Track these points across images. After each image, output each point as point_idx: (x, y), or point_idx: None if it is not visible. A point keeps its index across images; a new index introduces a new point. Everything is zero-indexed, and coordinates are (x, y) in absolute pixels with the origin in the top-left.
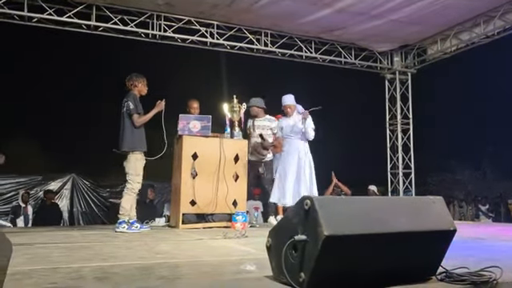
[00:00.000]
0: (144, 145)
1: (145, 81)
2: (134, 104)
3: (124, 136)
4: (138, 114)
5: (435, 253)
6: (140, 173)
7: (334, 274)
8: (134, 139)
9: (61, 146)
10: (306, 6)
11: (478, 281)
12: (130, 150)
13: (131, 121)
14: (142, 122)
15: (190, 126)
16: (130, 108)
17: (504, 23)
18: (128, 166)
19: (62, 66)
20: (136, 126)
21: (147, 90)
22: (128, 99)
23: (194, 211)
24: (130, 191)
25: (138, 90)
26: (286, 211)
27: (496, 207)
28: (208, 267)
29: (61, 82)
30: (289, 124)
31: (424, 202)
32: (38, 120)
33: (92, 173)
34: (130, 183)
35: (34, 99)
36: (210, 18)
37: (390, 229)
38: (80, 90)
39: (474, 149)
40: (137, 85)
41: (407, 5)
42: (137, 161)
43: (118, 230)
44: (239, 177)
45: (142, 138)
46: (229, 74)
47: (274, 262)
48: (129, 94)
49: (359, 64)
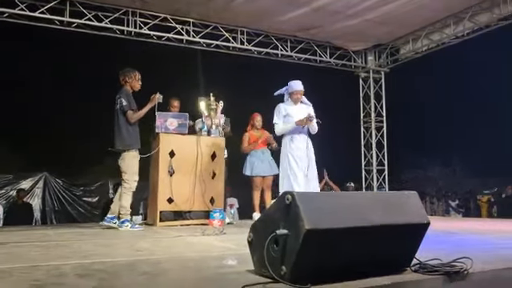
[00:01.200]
0: (138, 142)
1: (137, 75)
2: (127, 100)
3: (120, 134)
4: (132, 111)
5: (410, 245)
6: (136, 170)
7: (315, 267)
8: (129, 137)
9: (32, 145)
10: (283, 4)
11: (451, 271)
12: (126, 149)
13: (125, 118)
14: (136, 118)
15: (167, 124)
16: (123, 105)
17: (473, 24)
18: (124, 164)
19: (33, 63)
20: (131, 122)
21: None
22: (120, 96)
23: (171, 209)
24: (128, 190)
25: (130, 86)
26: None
27: (465, 203)
28: (190, 262)
29: (33, 80)
30: (298, 114)
31: (399, 197)
32: (8, 118)
33: (65, 171)
34: (127, 183)
35: (4, 98)
36: (187, 15)
37: (368, 222)
38: (53, 88)
39: (445, 146)
40: (128, 80)
41: (382, 5)
42: (133, 159)
43: (121, 229)
44: (216, 174)
45: (137, 135)
46: (206, 72)
47: (255, 257)
48: (121, 90)
49: (334, 63)
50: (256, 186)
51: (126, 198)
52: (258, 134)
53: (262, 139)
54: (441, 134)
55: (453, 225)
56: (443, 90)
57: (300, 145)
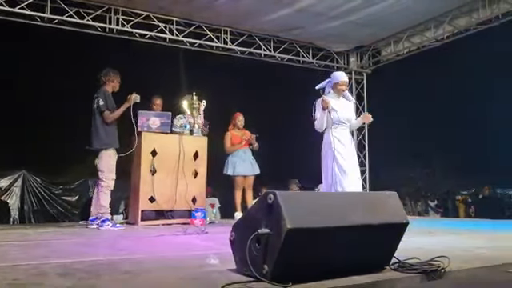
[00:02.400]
0: (116, 142)
1: (118, 76)
2: (105, 100)
3: (97, 133)
4: (109, 111)
5: (389, 244)
6: (113, 169)
7: (296, 265)
8: (107, 136)
9: (10, 142)
10: (267, 4)
11: (428, 269)
12: (103, 147)
13: (102, 117)
14: (112, 118)
15: (149, 123)
16: (100, 104)
17: (453, 28)
18: (101, 163)
19: (10, 60)
20: (107, 122)
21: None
22: (98, 95)
23: (153, 208)
24: (106, 189)
25: (112, 86)
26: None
27: (444, 203)
28: (172, 262)
29: (11, 77)
30: (341, 108)
31: (380, 197)
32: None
33: (44, 170)
34: (105, 181)
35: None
36: (170, 13)
37: (349, 222)
38: (32, 85)
39: (425, 147)
40: (113, 80)
41: (364, 7)
42: (110, 157)
43: (102, 228)
44: (198, 173)
45: (114, 134)
46: (188, 71)
47: (237, 256)
48: (100, 90)
49: (317, 63)
50: (237, 185)
51: (104, 198)
52: (239, 134)
53: (246, 139)
54: (421, 135)
55: (431, 224)
56: (423, 92)
57: (348, 141)
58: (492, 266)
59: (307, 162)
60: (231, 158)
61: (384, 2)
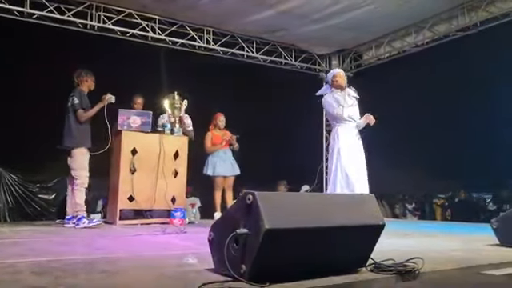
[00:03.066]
0: (89, 141)
1: (93, 77)
2: (80, 99)
3: (69, 132)
4: (83, 110)
5: (366, 245)
6: (86, 166)
7: (274, 265)
8: (79, 135)
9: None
10: (250, 5)
11: (403, 271)
12: (75, 146)
13: (75, 116)
14: (86, 117)
15: (129, 122)
16: (74, 103)
17: (432, 34)
18: (73, 161)
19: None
20: (80, 121)
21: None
22: (74, 94)
23: (132, 207)
24: (80, 187)
25: (87, 86)
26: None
27: (421, 206)
28: (150, 261)
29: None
30: (348, 103)
31: (357, 199)
32: None
33: (21, 167)
34: (78, 179)
35: None
36: (153, 12)
37: (327, 223)
38: (7, 82)
39: (404, 149)
40: (87, 80)
41: (347, 11)
42: (82, 155)
43: (79, 227)
44: (178, 173)
45: (87, 133)
46: (170, 70)
47: (215, 255)
48: (75, 89)
49: (299, 66)
50: (217, 185)
51: (79, 195)
52: (220, 134)
53: (227, 140)
54: (400, 138)
55: (408, 227)
56: (405, 96)
57: (356, 138)
58: (465, 267)
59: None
60: (211, 158)
61: (366, 7)
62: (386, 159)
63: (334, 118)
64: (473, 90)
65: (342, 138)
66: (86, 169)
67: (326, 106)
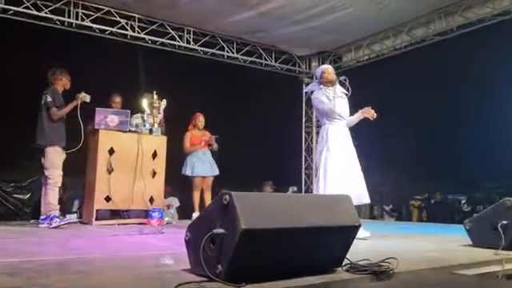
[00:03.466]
0: (63, 139)
1: (68, 75)
2: (53, 97)
3: (42, 130)
4: (57, 108)
5: (342, 246)
6: (59, 165)
7: (250, 266)
8: (52, 134)
9: None
10: (231, 6)
11: (378, 270)
12: (48, 145)
13: (49, 114)
14: (59, 116)
15: (107, 121)
16: (47, 101)
17: (410, 38)
18: (46, 160)
19: None
20: (53, 119)
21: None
22: (47, 92)
23: (108, 207)
24: (53, 186)
25: (62, 84)
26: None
27: (398, 207)
28: (125, 262)
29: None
30: (338, 99)
31: (334, 200)
32: None
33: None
34: (51, 178)
35: None
36: (132, 10)
37: (303, 224)
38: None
39: (382, 151)
40: (61, 79)
41: (327, 13)
42: (55, 154)
43: (51, 227)
44: (157, 173)
45: (60, 132)
46: (149, 70)
47: (192, 256)
48: (49, 87)
49: (279, 67)
50: (196, 186)
51: (52, 195)
52: (199, 134)
53: (206, 140)
54: (377, 140)
55: (384, 228)
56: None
57: (347, 136)
58: (438, 267)
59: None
60: (190, 158)
61: (345, 10)
62: (364, 161)
63: (325, 114)
64: (449, 93)
65: (332, 138)
66: (59, 168)
67: (316, 102)
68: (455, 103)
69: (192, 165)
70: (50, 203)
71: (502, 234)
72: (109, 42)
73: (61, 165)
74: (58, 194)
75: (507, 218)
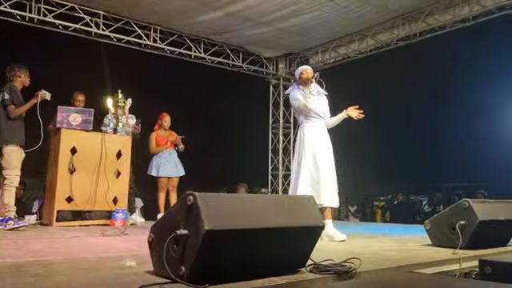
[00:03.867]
0: (21, 138)
1: (27, 72)
2: (10, 94)
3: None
4: (15, 105)
5: (306, 246)
6: (16, 166)
7: (213, 267)
8: (9, 132)
9: None
10: (198, 6)
11: (341, 270)
12: (5, 143)
13: (6, 112)
14: (17, 114)
15: (69, 119)
16: (4, 98)
17: (375, 42)
18: (3, 160)
19: None
20: (11, 117)
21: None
22: (4, 89)
23: (70, 208)
24: (9, 186)
25: (20, 81)
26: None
27: (363, 208)
28: (85, 264)
29: None
30: (317, 99)
31: (298, 201)
32: None
33: None
34: (8, 178)
35: None
36: (97, 7)
37: (268, 224)
38: None
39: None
40: (20, 75)
41: (294, 16)
42: (11, 153)
43: (6, 229)
44: (121, 173)
45: (18, 130)
46: (114, 68)
47: (155, 257)
48: (7, 84)
49: (246, 68)
50: (161, 186)
51: (8, 195)
52: (165, 135)
53: (172, 140)
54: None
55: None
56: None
57: (324, 136)
58: (399, 266)
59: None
60: (156, 158)
61: (311, 13)
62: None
63: (301, 112)
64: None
65: (308, 138)
66: (16, 167)
67: (292, 100)
68: (418, 107)
69: (158, 165)
70: (6, 204)
71: (460, 234)
72: (73, 39)
73: (19, 165)
74: (14, 194)
75: (465, 218)
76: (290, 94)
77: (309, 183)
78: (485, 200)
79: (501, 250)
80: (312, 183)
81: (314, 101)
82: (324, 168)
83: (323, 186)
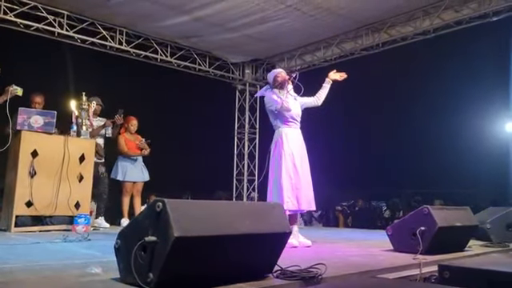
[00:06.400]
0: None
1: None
2: None
3: None
4: None
5: (273, 252)
6: None
7: (182, 274)
8: None
9: None
10: (165, 10)
11: (307, 276)
12: None
13: None
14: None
15: (31, 121)
16: None
17: (340, 51)
18: None
19: None
20: None
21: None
22: None
23: (29, 213)
24: None
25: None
26: (137, 214)
27: (326, 213)
28: (48, 271)
29: None
30: (292, 103)
31: (265, 207)
32: None
33: None
34: None
35: None
36: (61, 6)
37: (236, 231)
38: None
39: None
40: None
41: (260, 23)
42: None
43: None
44: (84, 178)
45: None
46: (78, 70)
47: (122, 264)
48: None
49: (213, 73)
50: (126, 191)
51: None
52: (132, 138)
53: (137, 144)
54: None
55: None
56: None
57: (299, 141)
58: (362, 271)
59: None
60: (121, 162)
61: (278, 21)
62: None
63: (279, 115)
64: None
65: (286, 142)
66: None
67: (268, 102)
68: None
69: (123, 169)
70: None
71: (420, 239)
72: (34, 39)
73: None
74: None
75: (425, 224)
76: (264, 98)
77: (289, 189)
78: (443, 207)
79: (459, 254)
80: (292, 189)
81: (290, 102)
82: (302, 172)
83: (302, 191)
